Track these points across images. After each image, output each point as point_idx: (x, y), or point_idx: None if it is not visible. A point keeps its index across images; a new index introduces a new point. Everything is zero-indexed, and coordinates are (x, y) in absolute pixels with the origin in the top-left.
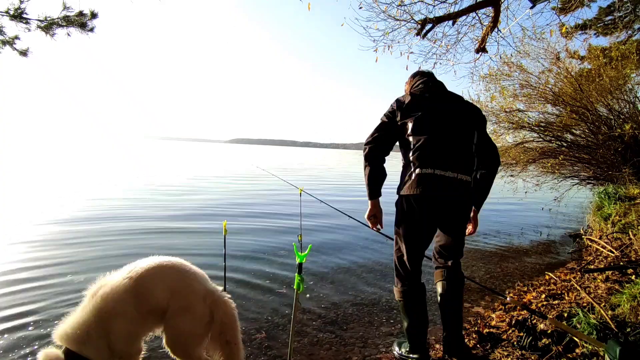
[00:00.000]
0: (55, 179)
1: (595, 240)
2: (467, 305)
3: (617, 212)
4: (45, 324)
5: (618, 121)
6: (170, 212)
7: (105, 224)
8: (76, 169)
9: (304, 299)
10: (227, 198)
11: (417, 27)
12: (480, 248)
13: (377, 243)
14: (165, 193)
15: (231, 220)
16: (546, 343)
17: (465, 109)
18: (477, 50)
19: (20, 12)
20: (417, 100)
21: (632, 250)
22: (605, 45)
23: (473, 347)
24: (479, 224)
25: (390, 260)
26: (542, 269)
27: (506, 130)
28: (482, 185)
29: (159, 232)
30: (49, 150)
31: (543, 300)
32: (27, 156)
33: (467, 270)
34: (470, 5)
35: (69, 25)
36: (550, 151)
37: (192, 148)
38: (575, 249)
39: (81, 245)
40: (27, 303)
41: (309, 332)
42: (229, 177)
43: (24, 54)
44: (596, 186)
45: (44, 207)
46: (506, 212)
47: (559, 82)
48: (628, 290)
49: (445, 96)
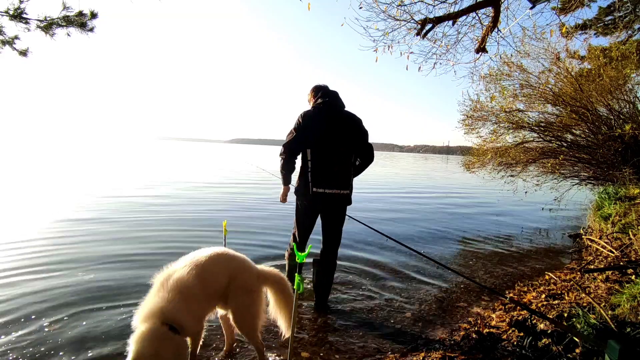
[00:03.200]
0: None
1: (595, 240)
2: (467, 305)
3: (617, 212)
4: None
5: (618, 121)
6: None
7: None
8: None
9: (305, 299)
10: (226, 200)
11: (417, 27)
12: (480, 248)
13: (377, 243)
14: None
15: (231, 220)
16: (546, 343)
17: (352, 125)
18: (477, 50)
19: (20, 12)
20: (316, 116)
21: (632, 250)
22: (605, 45)
23: (473, 347)
24: (479, 225)
25: (390, 260)
26: (542, 269)
27: (506, 130)
28: (357, 169)
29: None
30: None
31: (543, 300)
32: (30, 157)
33: (468, 270)
34: (470, 5)
35: (68, 25)
36: (550, 151)
37: (195, 148)
38: (575, 249)
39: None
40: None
41: (309, 333)
42: (229, 178)
43: (24, 54)
44: (596, 186)
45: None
46: (506, 212)
47: (559, 82)
48: (628, 290)
49: (338, 113)
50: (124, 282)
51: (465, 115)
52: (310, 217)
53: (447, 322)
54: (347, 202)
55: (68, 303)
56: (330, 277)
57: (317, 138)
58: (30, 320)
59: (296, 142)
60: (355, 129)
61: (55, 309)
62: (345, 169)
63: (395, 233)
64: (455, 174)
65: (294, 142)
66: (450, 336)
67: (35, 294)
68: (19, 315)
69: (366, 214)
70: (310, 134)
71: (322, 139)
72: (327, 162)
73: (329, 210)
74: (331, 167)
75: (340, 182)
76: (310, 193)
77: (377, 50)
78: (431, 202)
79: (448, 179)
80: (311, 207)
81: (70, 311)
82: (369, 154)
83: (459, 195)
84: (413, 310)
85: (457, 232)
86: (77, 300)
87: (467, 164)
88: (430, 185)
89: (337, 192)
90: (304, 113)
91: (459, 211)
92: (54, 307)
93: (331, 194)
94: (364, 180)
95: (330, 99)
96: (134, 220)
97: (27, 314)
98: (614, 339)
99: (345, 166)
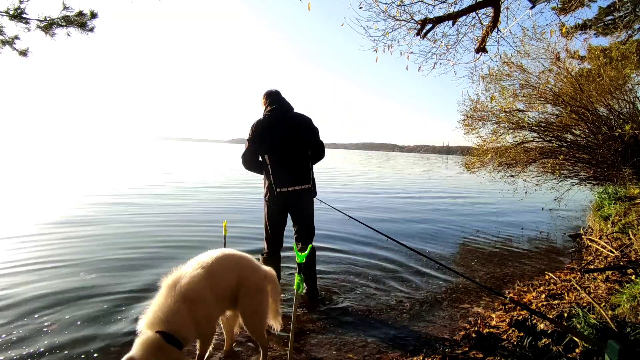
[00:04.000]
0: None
1: (595, 240)
2: (467, 305)
3: (617, 212)
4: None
5: (618, 121)
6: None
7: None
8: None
9: (304, 299)
10: (225, 199)
11: (417, 27)
12: (480, 248)
13: (377, 243)
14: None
15: (231, 221)
16: (546, 343)
17: (303, 125)
18: (477, 50)
19: (20, 12)
20: (268, 124)
21: (632, 250)
22: (605, 45)
23: (473, 346)
24: (479, 225)
25: (389, 260)
26: (542, 269)
27: (506, 130)
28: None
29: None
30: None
31: (543, 300)
32: (29, 156)
33: (468, 270)
34: (470, 5)
35: (68, 25)
36: (550, 151)
37: (195, 148)
38: (575, 249)
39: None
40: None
41: (309, 333)
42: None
43: (24, 54)
44: (596, 186)
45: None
46: (506, 212)
47: (559, 82)
48: (628, 290)
49: (288, 118)
50: (124, 283)
51: (465, 115)
52: (279, 216)
53: (447, 322)
54: (311, 194)
55: (67, 300)
56: (313, 269)
57: (271, 144)
58: (30, 317)
59: (250, 152)
60: (305, 127)
61: (54, 307)
62: (302, 165)
63: (395, 233)
64: (455, 174)
65: (247, 154)
66: (450, 336)
67: (34, 292)
68: (19, 313)
69: (366, 214)
70: (264, 142)
71: (276, 144)
72: (285, 163)
73: (296, 206)
74: (289, 167)
75: (300, 178)
76: (275, 194)
77: (377, 50)
78: (431, 202)
79: (448, 179)
80: (279, 207)
81: (69, 309)
82: (319, 150)
83: (458, 196)
84: (413, 310)
85: (457, 232)
86: (74, 298)
87: (467, 164)
88: (430, 185)
89: (300, 188)
90: (255, 123)
91: (459, 211)
92: (53, 306)
93: (294, 191)
94: (364, 180)
95: (278, 105)
96: (134, 220)
97: (27, 311)
98: (614, 339)
99: (303, 163)
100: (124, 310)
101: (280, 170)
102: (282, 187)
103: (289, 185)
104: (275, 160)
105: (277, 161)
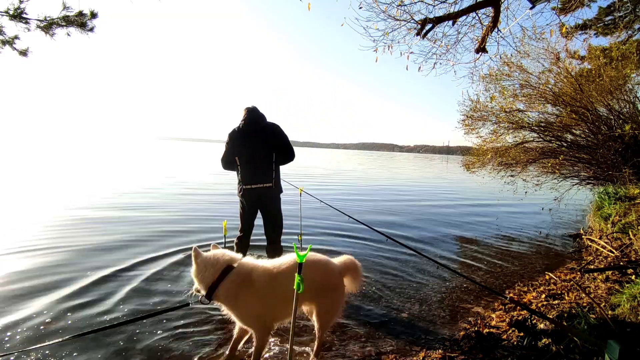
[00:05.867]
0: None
1: (595, 240)
2: (467, 305)
3: (617, 212)
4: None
5: (618, 121)
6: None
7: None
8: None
9: None
10: (224, 198)
11: (417, 27)
12: (480, 248)
13: (376, 242)
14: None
15: (231, 220)
16: (546, 343)
17: (271, 132)
18: (477, 50)
19: (20, 12)
20: (239, 131)
21: (632, 250)
22: (605, 45)
23: (473, 346)
24: (479, 225)
25: (389, 260)
26: (542, 269)
27: (506, 130)
28: (279, 163)
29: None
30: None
31: (543, 300)
32: (34, 157)
33: (468, 270)
34: (470, 5)
35: (68, 25)
36: (550, 151)
37: (195, 148)
38: (575, 249)
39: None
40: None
41: (309, 333)
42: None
43: (24, 54)
44: (596, 186)
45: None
46: (506, 212)
47: (559, 82)
48: (628, 290)
49: (257, 126)
50: (123, 282)
51: (465, 115)
52: (249, 210)
53: (447, 322)
54: (274, 192)
55: (67, 299)
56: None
57: (240, 149)
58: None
59: (226, 155)
60: (272, 134)
61: (54, 306)
62: (265, 167)
63: (395, 233)
64: (454, 174)
65: (225, 156)
66: (450, 336)
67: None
68: (22, 304)
69: (366, 215)
70: (235, 147)
71: (244, 149)
72: (250, 165)
73: (262, 202)
74: (254, 168)
75: (263, 177)
76: (243, 190)
77: (377, 50)
78: (431, 203)
79: (448, 180)
80: (247, 202)
81: (65, 305)
82: (287, 153)
83: (458, 196)
84: (413, 310)
85: (457, 232)
86: (72, 296)
87: (467, 163)
88: (430, 185)
89: (262, 186)
90: (231, 131)
91: (459, 211)
92: (52, 305)
93: (257, 188)
94: (364, 180)
95: (249, 116)
96: (133, 220)
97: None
98: (614, 339)
99: (266, 165)
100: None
101: (245, 170)
102: (247, 185)
103: (252, 183)
104: (242, 162)
105: (244, 162)
